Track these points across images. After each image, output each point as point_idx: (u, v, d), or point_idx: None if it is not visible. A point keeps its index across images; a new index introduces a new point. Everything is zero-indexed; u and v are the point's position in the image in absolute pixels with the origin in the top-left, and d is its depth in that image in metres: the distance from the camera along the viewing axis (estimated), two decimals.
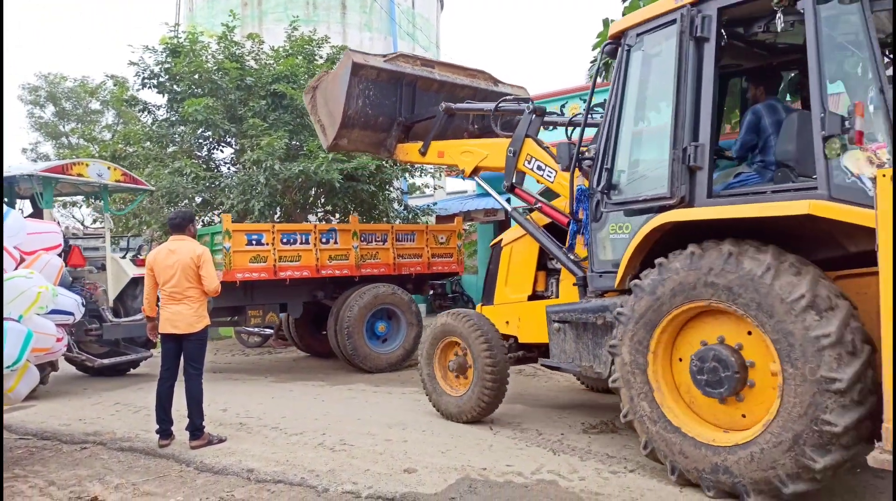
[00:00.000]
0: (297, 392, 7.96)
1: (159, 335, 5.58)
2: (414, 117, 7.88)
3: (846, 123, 3.81)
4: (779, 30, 4.25)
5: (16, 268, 5.00)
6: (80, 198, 13.55)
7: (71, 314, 5.50)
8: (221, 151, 13.91)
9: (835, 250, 3.99)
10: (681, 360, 4.35)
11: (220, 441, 5.53)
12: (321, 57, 13.93)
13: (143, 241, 11.95)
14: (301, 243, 9.33)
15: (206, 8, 22.39)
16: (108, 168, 9.11)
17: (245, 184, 11.77)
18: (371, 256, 9.92)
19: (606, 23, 7.23)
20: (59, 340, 5.31)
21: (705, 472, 4.03)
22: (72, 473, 4.93)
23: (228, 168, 13.79)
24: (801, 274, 3.77)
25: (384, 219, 12.91)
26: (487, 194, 6.61)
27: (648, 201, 4.64)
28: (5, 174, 8.50)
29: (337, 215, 13.28)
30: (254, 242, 8.94)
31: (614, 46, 5.08)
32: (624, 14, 7.43)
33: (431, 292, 14.96)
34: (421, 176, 15.45)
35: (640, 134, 5.04)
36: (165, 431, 5.52)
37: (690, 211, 4.31)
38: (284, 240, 9.19)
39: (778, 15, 4.17)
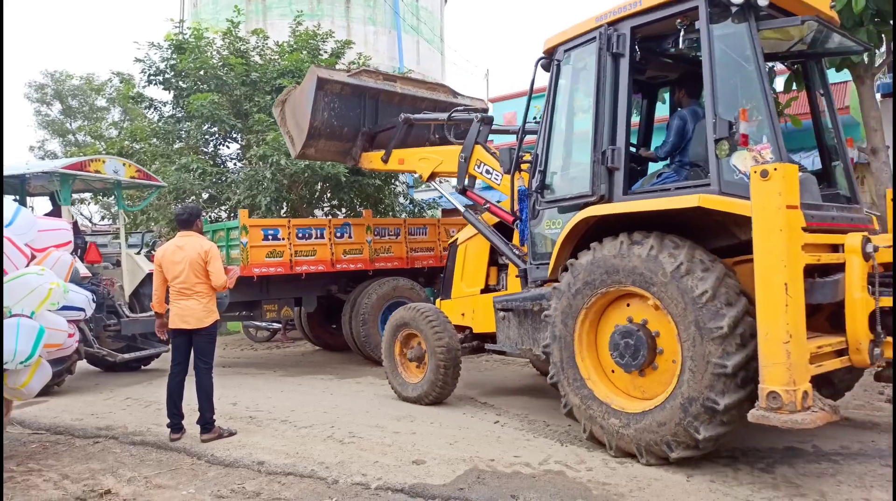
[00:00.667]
0: (306, 386, 8.02)
1: (169, 331, 5.63)
2: (376, 128, 8.62)
3: (733, 127, 4.28)
4: (680, 46, 4.77)
5: (27, 265, 5.05)
6: (87, 195, 13.61)
7: (82, 310, 5.55)
8: (227, 147, 13.96)
9: (731, 239, 4.37)
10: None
11: (231, 434, 5.59)
12: (325, 51, 13.93)
13: (155, 237, 12.01)
14: (316, 238, 9.41)
15: (211, 4, 22.39)
16: (124, 165, 9.17)
17: (251, 179, 11.81)
18: (384, 250, 9.99)
19: None
20: (70, 335, 5.35)
21: (612, 434, 4.60)
22: (85, 467, 5.00)
23: (235, 164, 13.83)
24: (679, 249, 4.30)
25: (390, 213, 12.95)
26: (491, 188, 6.84)
27: (574, 199, 5.20)
28: (18, 173, 8.58)
29: (343, 210, 13.31)
30: (270, 237, 9.01)
31: (547, 60, 5.63)
32: None
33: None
34: None
35: (568, 139, 5.59)
36: (176, 425, 5.59)
37: (607, 206, 4.87)
38: (300, 235, 9.26)
39: (681, 33, 4.70)
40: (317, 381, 8.39)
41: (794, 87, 7.43)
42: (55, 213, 9.02)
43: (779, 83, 8.33)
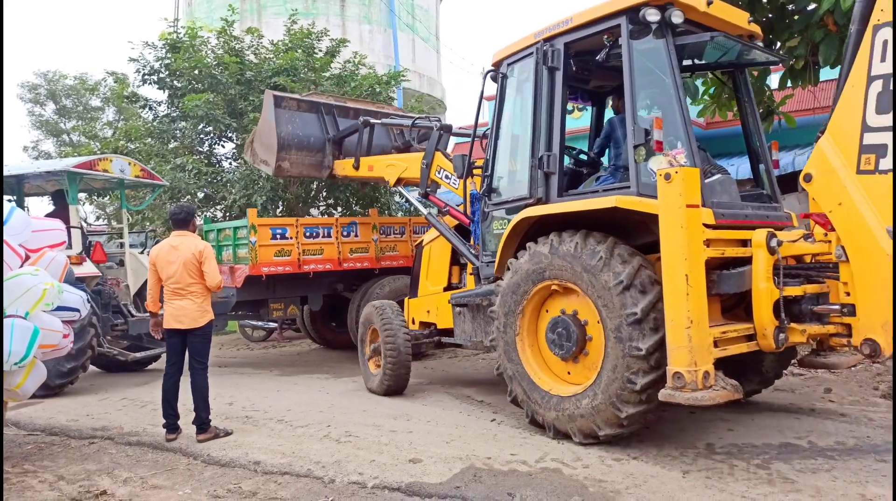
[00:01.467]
0: (302, 385, 8.01)
1: (164, 331, 5.62)
2: (340, 133, 9.19)
3: (649, 134, 4.66)
4: (605, 59, 5.13)
5: (21, 265, 5.03)
6: (82, 195, 13.54)
7: (77, 310, 5.53)
8: (223, 146, 13.93)
9: (654, 237, 4.51)
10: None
11: (227, 434, 5.58)
12: (320, 50, 13.91)
13: (159, 236, 11.97)
14: (324, 237, 9.48)
15: (206, 3, 22.34)
16: (129, 164, 9.16)
17: (247, 179, 11.80)
18: (390, 248, 10.07)
19: None
20: (65, 336, 5.34)
21: (548, 417, 5.03)
22: (81, 467, 4.98)
23: (230, 163, 13.81)
24: (600, 243, 4.72)
25: (386, 212, 12.94)
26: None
27: (516, 201, 5.62)
28: (18, 172, 8.56)
29: (339, 209, 13.30)
30: (279, 236, 9.07)
31: (495, 72, 6.07)
32: None
33: None
34: None
35: (513, 146, 5.98)
36: (172, 425, 5.57)
37: (542, 208, 5.28)
38: (308, 234, 9.33)
39: (608, 48, 5.07)
40: (313, 380, 8.39)
41: (789, 84, 7.46)
42: (57, 213, 8.98)
43: (774, 80, 8.36)
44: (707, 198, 4.59)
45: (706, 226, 4.40)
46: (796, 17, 7.06)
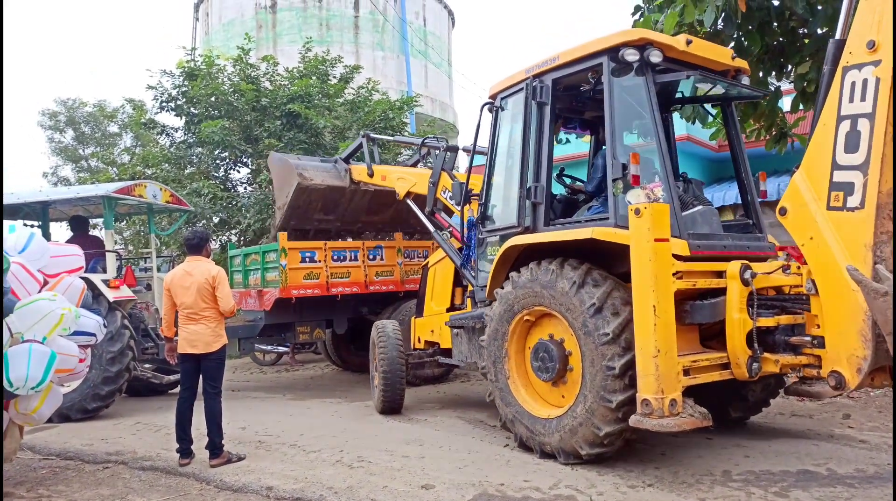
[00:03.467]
0: (315, 410, 8.00)
1: (178, 355, 5.65)
2: (345, 152, 9.74)
3: (626, 168, 4.85)
4: (590, 96, 5.43)
5: (39, 291, 5.10)
6: (99, 220, 13.72)
7: (93, 335, 5.58)
8: (238, 172, 14.13)
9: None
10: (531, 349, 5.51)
11: (240, 459, 5.57)
12: (334, 76, 14.13)
13: (167, 260, 12.09)
14: (350, 260, 9.58)
15: (222, 31, 22.79)
16: (161, 189, 9.31)
17: (261, 203, 11.93)
18: (414, 271, 10.12)
19: None
20: (81, 361, 5.39)
21: (535, 438, 5.22)
22: (94, 492, 4.99)
23: (245, 188, 13.97)
24: (575, 269, 4.93)
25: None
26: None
27: (506, 229, 5.83)
28: (46, 198, 8.71)
29: (332, 234, 13.38)
30: (308, 259, 9.18)
31: (491, 105, 6.29)
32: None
33: None
34: None
35: (506, 176, 6.16)
36: (185, 450, 5.58)
37: (529, 236, 5.49)
38: (335, 257, 9.43)
39: (592, 84, 5.33)
40: (326, 405, 8.37)
41: (801, 107, 7.46)
42: (79, 238, 9.11)
43: (786, 103, 8.37)
44: (685, 230, 4.87)
45: (680, 258, 4.62)
46: (807, 41, 7.08)
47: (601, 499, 4.26)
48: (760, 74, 7.37)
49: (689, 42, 5.14)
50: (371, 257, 9.73)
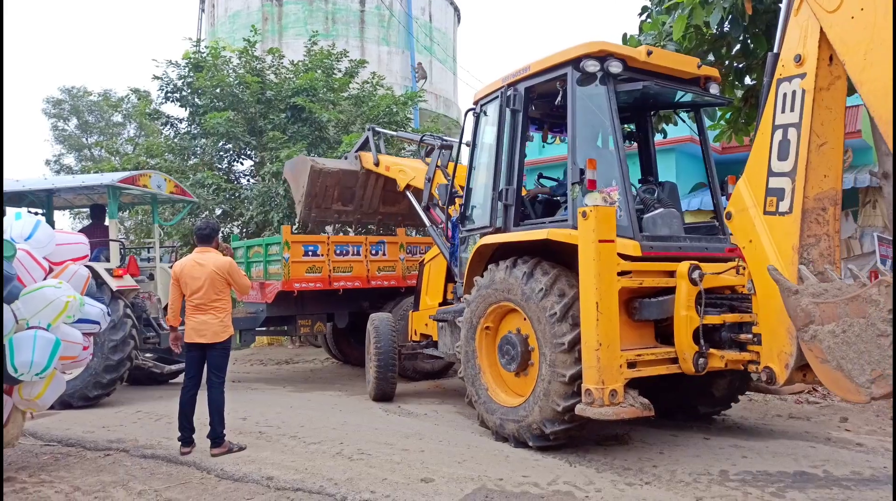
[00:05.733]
0: (315, 402, 8.04)
1: (184, 345, 5.69)
2: (354, 148, 9.84)
3: (583, 173, 5.09)
4: (557, 102, 5.54)
5: (45, 278, 5.13)
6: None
7: (97, 323, 5.62)
8: (241, 164, 14.15)
9: None
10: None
11: (241, 449, 5.61)
12: (339, 71, 14.13)
13: (168, 251, 12.11)
14: (353, 255, 9.68)
15: (228, 23, 22.76)
16: (165, 180, 9.34)
17: (264, 195, 11.95)
18: (415, 267, 10.16)
19: (625, 39, 7.38)
20: (84, 348, 5.42)
21: (494, 422, 5.66)
22: (96, 479, 5.03)
23: (248, 180, 14.00)
24: (545, 274, 5.18)
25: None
26: None
27: (481, 229, 6.19)
28: (51, 186, 8.74)
29: (353, 227, 13.41)
30: (310, 253, 9.28)
31: (474, 110, 6.61)
32: (640, 29, 7.54)
33: None
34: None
35: (484, 178, 6.42)
36: (187, 439, 5.62)
37: (493, 236, 5.88)
38: (338, 251, 9.52)
39: (560, 93, 5.50)
40: (326, 397, 8.41)
41: None
42: (96, 227, 9.14)
43: None
44: (638, 231, 5.15)
45: (629, 258, 4.91)
46: None
47: (599, 496, 4.30)
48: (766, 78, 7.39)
49: (649, 53, 5.41)
50: (373, 252, 9.80)
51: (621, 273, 4.81)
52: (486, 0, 68.96)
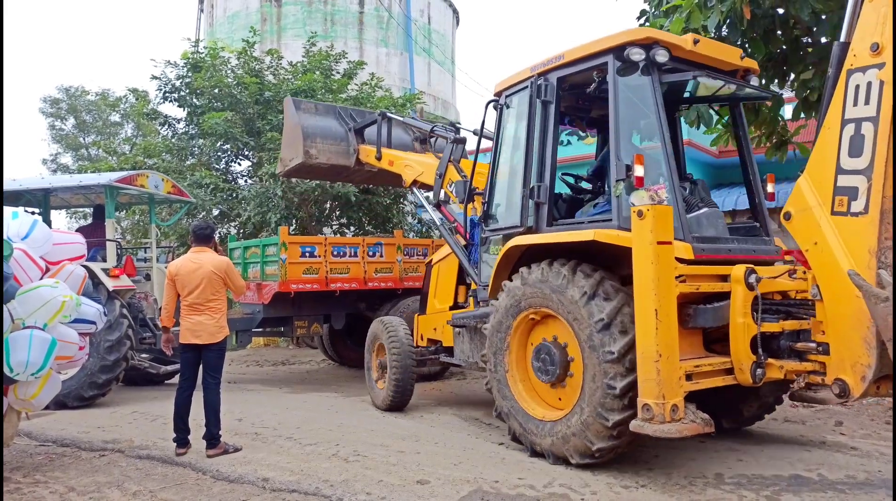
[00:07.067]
0: (312, 403, 8.03)
1: (179, 345, 5.68)
2: (361, 123, 9.20)
3: (630, 169, 4.76)
4: (595, 94, 5.28)
5: (41, 277, 5.12)
6: (89, 210, 13.70)
7: (93, 323, 5.61)
8: (239, 164, 14.13)
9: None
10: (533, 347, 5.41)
11: (236, 450, 5.60)
12: (338, 72, 14.13)
13: (165, 251, 12.10)
14: (350, 256, 9.64)
15: (227, 24, 22.76)
16: (163, 180, 9.32)
17: (262, 196, 11.94)
18: (413, 269, 10.19)
19: None
20: (80, 348, 5.41)
21: (527, 436, 5.22)
22: (91, 480, 5.02)
23: (246, 181, 13.98)
24: (588, 277, 4.80)
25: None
26: None
27: (509, 229, 5.78)
28: (48, 186, 8.72)
29: (352, 228, 13.41)
30: (307, 254, 9.25)
31: (496, 103, 6.20)
32: None
33: None
34: None
35: (510, 175, 6.06)
36: (183, 440, 5.61)
37: (531, 237, 5.45)
38: (335, 253, 9.50)
39: (597, 83, 5.18)
40: (322, 398, 8.40)
41: (802, 115, 7.51)
42: (97, 227, 9.12)
43: (787, 111, 8.41)
44: (689, 232, 4.76)
45: (683, 261, 4.53)
46: (810, 50, 7.12)
47: (594, 498, 4.30)
48: (763, 82, 7.41)
49: (696, 41, 5.05)
50: (371, 253, 9.80)
51: (677, 278, 4.43)
52: (485, 2, 69.07)
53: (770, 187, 5.64)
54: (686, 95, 6.02)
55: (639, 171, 4.71)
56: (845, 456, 5.21)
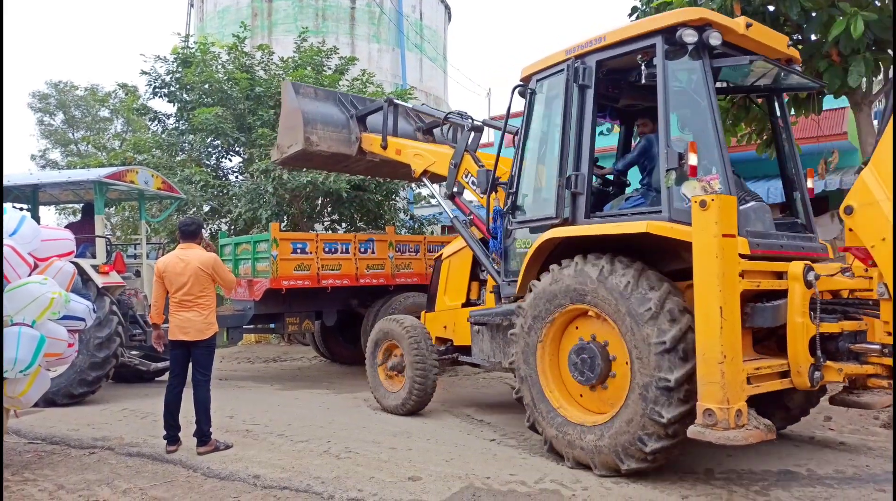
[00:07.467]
0: (303, 400, 8.02)
1: (167, 342, 5.66)
2: (363, 110, 8.73)
3: (683, 158, 4.49)
4: (642, 80, 4.93)
5: (30, 274, 5.08)
6: (78, 206, 13.57)
7: (82, 319, 5.57)
8: (230, 160, 14.07)
9: (684, 264, 4.41)
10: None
11: (227, 447, 5.58)
12: (329, 68, 14.07)
13: (156, 247, 12.03)
14: (342, 253, 9.60)
15: (217, 19, 22.63)
16: (152, 176, 9.26)
17: (253, 193, 11.89)
18: (405, 265, 10.16)
19: None
20: (70, 345, 5.38)
21: (569, 446, 4.81)
22: (80, 477, 4.99)
23: (236, 177, 13.92)
24: (628, 268, 4.51)
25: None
26: None
27: (541, 221, 5.45)
28: (37, 182, 8.65)
29: (343, 225, 13.38)
30: (299, 250, 9.20)
31: (523, 88, 5.86)
32: None
33: None
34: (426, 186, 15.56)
35: (539, 163, 5.81)
36: (173, 437, 5.58)
37: (569, 229, 5.11)
38: (327, 249, 9.46)
39: (641, 67, 4.89)
40: (314, 395, 8.39)
41: (793, 112, 7.53)
42: (86, 223, 9.06)
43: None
44: (742, 226, 4.35)
45: (741, 256, 4.18)
46: (800, 47, 7.15)
47: (585, 494, 4.32)
48: None
49: (749, 25, 4.76)
50: (362, 250, 9.78)
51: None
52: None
53: (810, 182, 5.40)
54: (721, 84, 5.68)
55: (692, 160, 4.44)
56: (834, 452, 5.24)
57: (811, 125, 10.43)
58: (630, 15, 7.96)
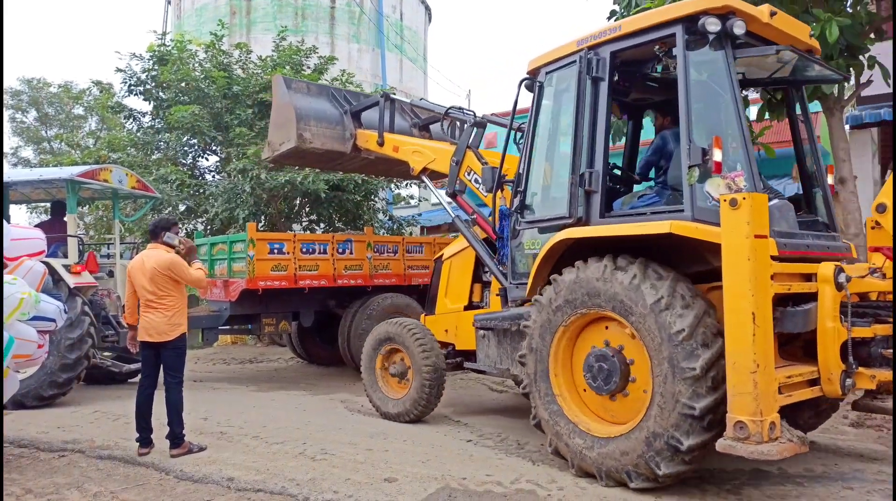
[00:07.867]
0: (279, 402, 7.96)
1: (139, 343, 5.58)
2: (358, 106, 8.45)
3: (707, 154, 4.26)
4: (660, 72, 4.64)
5: None
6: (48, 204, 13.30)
7: (53, 320, 5.48)
8: (207, 159, 13.93)
9: (705, 265, 4.33)
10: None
11: (201, 449, 5.52)
12: (308, 67, 14.00)
13: (130, 247, 11.87)
14: (319, 253, 9.53)
15: (195, 16, 22.41)
16: (127, 175, 9.11)
17: (230, 192, 11.78)
18: (383, 266, 10.12)
19: None
20: (40, 346, 5.29)
21: (575, 453, 4.62)
22: (49, 481, 4.90)
23: (213, 176, 13.79)
24: (661, 279, 4.25)
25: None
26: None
27: (553, 220, 5.17)
28: (8, 180, 8.48)
29: (321, 225, 13.31)
30: (276, 250, 9.12)
31: (531, 81, 5.59)
32: None
33: None
34: (407, 187, 15.55)
35: (549, 160, 5.55)
36: (145, 439, 5.50)
37: (582, 229, 4.85)
38: (304, 250, 9.39)
39: (659, 59, 4.76)
40: (290, 397, 8.33)
41: (767, 116, 7.64)
42: (56, 222, 8.90)
43: (752, 112, 8.56)
44: (769, 226, 4.06)
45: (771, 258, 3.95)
46: None
47: (561, 494, 4.34)
48: None
49: (773, 13, 4.54)
50: (340, 250, 9.73)
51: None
52: (457, 0, 69.11)
53: (830, 179, 5.20)
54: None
55: (717, 155, 4.20)
56: None
57: (785, 129, 10.59)
58: (609, 18, 8.02)
